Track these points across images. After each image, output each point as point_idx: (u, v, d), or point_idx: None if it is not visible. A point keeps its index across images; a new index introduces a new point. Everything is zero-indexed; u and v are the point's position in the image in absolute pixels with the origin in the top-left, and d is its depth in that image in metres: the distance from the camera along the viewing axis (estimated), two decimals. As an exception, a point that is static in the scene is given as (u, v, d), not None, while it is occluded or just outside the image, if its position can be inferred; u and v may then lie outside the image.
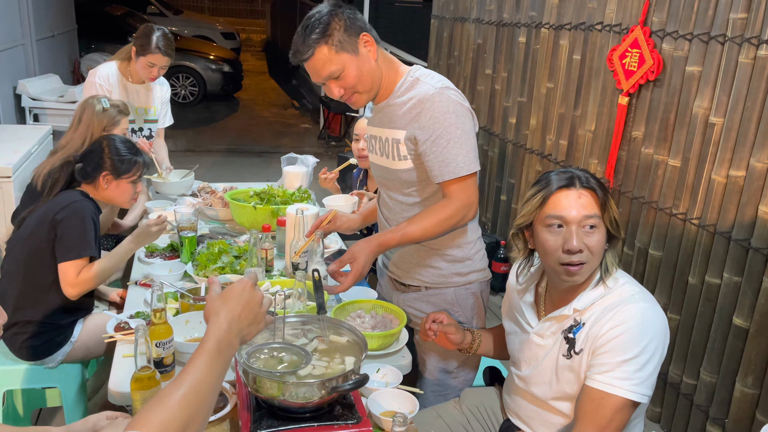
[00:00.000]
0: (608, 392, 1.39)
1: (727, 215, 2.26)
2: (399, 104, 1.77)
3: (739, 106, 2.19)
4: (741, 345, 2.22)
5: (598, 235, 1.45)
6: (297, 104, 10.61)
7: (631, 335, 1.39)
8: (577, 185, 1.46)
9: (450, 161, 1.68)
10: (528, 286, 1.66)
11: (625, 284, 1.49)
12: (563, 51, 3.23)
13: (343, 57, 1.67)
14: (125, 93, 3.15)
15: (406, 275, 1.97)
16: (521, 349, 1.64)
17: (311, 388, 1.32)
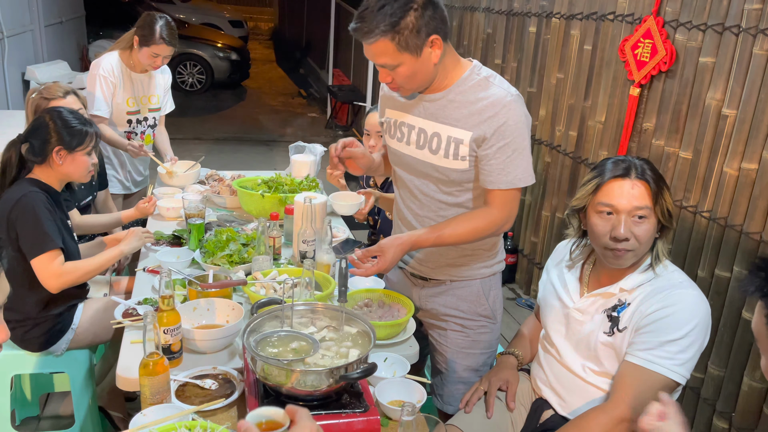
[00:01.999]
0: (649, 369, 1.44)
1: (739, 208, 2.24)
2: (465, 102, 1.70)
3: (752, 98, 2.17)
4: (750, 339, 2.21)
5: (647, 225, 1.50)
6: (304, 93, 10.58)
7: (678, 318, 1.45)
8: (632, 176, 1.51)
9: (510, 171, 1.68)
10: (575, 263, 1.69)
11: (674, 272, 1.55)
12: (574, 41, 3.20)
13: (404, 57, 1.61)
14: (130, 83, 3.11)
15: (431, 271, 1.94)
16: (557, 322, 1.68)
17: (319, 376, 1.32)
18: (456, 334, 1.96)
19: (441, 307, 1.96)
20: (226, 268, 2.08)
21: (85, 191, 2.74)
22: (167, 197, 2.78)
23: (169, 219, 2.64)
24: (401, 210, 1.95)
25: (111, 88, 3.02)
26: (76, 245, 2.22)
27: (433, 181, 1.81)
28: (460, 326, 1.96)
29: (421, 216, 1.88)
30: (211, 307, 1.81)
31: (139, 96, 3.15)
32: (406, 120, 1.83)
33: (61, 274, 2.01)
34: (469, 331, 1.96)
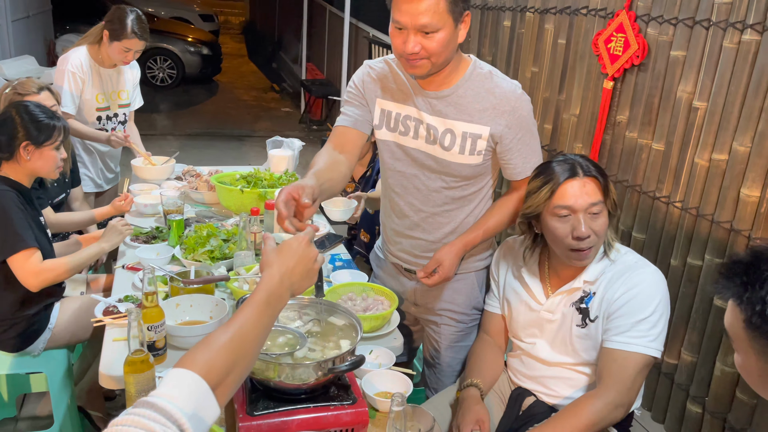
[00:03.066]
0: (628, 350, 1.50)
1: (710, 198, 2.30)
2: (476, 97, 1.70)
3: (722, 91, 2.22)
4: (721, 325, 2.27)
5: (603, 218, 1.57)
6: (277, 88, 10.51)
7: (643, 297, 1.53)
8: (581, 174, 1.56)
9: (531, 158, 1.76)
10: (531, 265, 1.72)
11: (626, 254, 1.63)
12: (548, 35, 3.24)
13: (448, 21, 1.55)
14: (99, 79, 3.05)
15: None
16: (529, 324, 1.72)
17: (307, 370, 1.33)
18: (449, 329, 1.99)
19: (436, 302, 1.99)
20: (208, 264, 2.08)
21: (58, 189, 2.70)
22: (144, 194, 2.75)
23: (146, 216, 2.61)
24: (397, 204, 1.92)
25: (80, 84, 2.97)
26: (50, 244, 2.18)
27: (441, 176, 1.81)
28: (454, 320, 1.98)
29: (424, 211, 1.87)
30: (194, 303, 1.81)
31: (108, 92, 3.10)
32: (411, 114, 1.79)
33: (39, 272, 1.98)
34: (461, 324, 1.99)
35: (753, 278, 0.91)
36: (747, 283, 0.91)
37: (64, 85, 2.93)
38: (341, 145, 1.83)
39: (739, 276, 0.93)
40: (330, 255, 2.35)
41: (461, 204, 1.84)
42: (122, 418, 0.82)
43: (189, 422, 0.84)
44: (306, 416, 1.34)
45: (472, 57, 1.76)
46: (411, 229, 1.91)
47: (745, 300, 0.91)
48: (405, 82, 1.78)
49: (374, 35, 6.42)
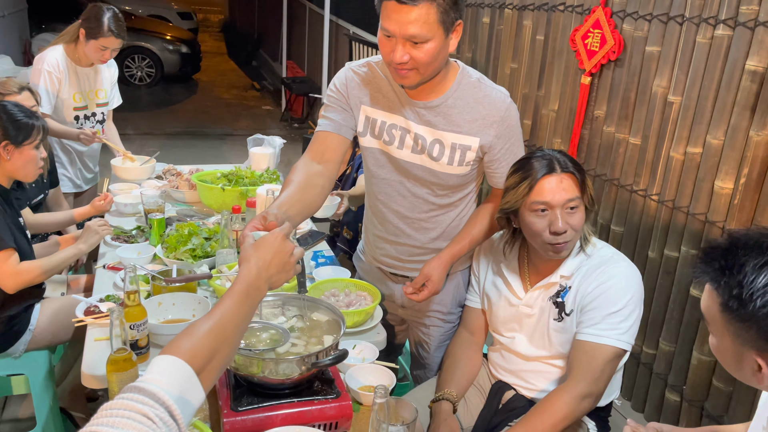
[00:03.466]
0: (598, 342, 1.53)
1: (685, 190, 2.34)
2: (465, 107, 1.68)
3: (696, 85, 2.27)
4: (697, 315, 2.32)
5: (580, 213, 1.58)
6: (258, 86, 10.46)
7: (615, 291, 1.55)
8: (558, 170, 1.57)
9: None
10: (512, 258, 1.74)
11: (602, 248, 1.65)
12: (527, 31, 3.28)
13: (438, 31, 1.49)
14: (76, 78, 3.02)
15: (413, 271, 1.94)
16: (509, 319, 1.73)
17: (291, 365, 1.34)
18: (438, 329, 2.01)
19: (425, 304, 1.97)
20: (190, 262, 2.07)
21: (36, 189, 2.67)
22: (124, 193, 2.74)
23: (127, 215, 2.60)
24: (381, 211, 1.89)
25: (56, 83, 2.94)
26: (29, 244, 2.17)
27: (428, 185, 1.79)
28: (442, 321, 2.00)
29: (410, 218, 1.85)
30: (176, 301, 1.80)
31: (86, 91, 3.07)
32: (397, 123, 1.74)
33: (18, 274, 1.97)
34: (449, 324, 2.00)
35: (730, 263, 0.93)
36: (724, 267, 0.94)
37: (40, 84, 2.89)
38: (321, 153, 1.75)
39: (717, 260, 0.96)
40: (313, 252, 2.36)
41: (447, 210, 1.84)
42: (113, 403, 0.83)
43: (176, 404, 0.86)
44: (290, 411, 1.35)
45: (459, 64, 1.73)
46: (396, 236, 1.90)
47: (722, 284, 0.94)
48: (392, 90, 1.73)
49: (354, 33, 6.42)
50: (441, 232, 1.88)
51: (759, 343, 0.91)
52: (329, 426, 1.39)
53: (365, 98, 1.76)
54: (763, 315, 0.88)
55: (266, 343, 1.40)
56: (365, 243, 2.06)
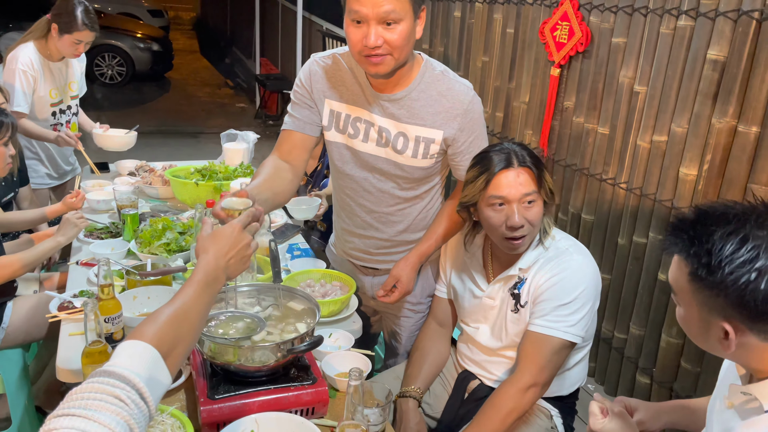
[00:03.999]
0: (546, 334, 1.53)
1: (652, 178, 2.40)
2: (428, 100, 1.68)
3: (660, 75, 2.32)
4: (666, 299, 2.39)
5: (537, 207, 1.59)
6: (231, 83, 10.38)
7: (567, 283, 1.55)
8: (515, 164, 1.57)
9: None
10: (475, 251, 1.77)
11: (560, 240, 1.65)
12: (497, 25, 3.32)
13: (409, 12, 1.50)
14: (50, 74, 3.00)
15: (381, 263, 1.97)
16: (474, 311, 1.75)
17: (266, 352, 1.35)
18: (408, 320, 2.03)
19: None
20: (164, 256, 2.07)
21: (5, 188, 2.64)
22: (97, 190, 2.72)
23: (99, 212, 2.58)
24: (348, 205, 1.90)
25: (31, 81, 2.91)
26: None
27: (393, 178, 1.80)
28: (412, 311, 2.02)
29: (377, 212, 1.87)
30: (151, 295, 1.80)
31: (61, 85, 3.06)
32: (361, 116, 1.74)
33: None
34: (420, 314, 2.03)
35: (699, 233, 0.96)
36: (693, 237, 0.97)
37: (16, 84, 2.86)
38: (287, 151, 1.78)
39: (686, 231, 0.98)
40: (288, 245, 2.37)
41: (413, 203, 1.86)
42: (82, 387, 0.84)
43: (146, 386, 0.88)
44: (267, 398, 1.36)
45: (423, 56, 1.75)
46: (364, 229, 1.92)
47: (691, 253, 0.97)
48: (356, 83, 1.73)
49: (328, 28, 6.42)
50: (408, 224, 1.90)
51: (726, 311, 0.94)
52: (306, 412, 1.40)
53: (329, 91, 1.76)
54: (730, 281, 0.91)
55: (242, 332, 1.41)
56: (335, 236, 2.08)
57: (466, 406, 1.74)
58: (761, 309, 0.91)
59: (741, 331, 0.95)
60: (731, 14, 2.02)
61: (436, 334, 1.88)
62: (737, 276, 0.91)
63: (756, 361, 0.99)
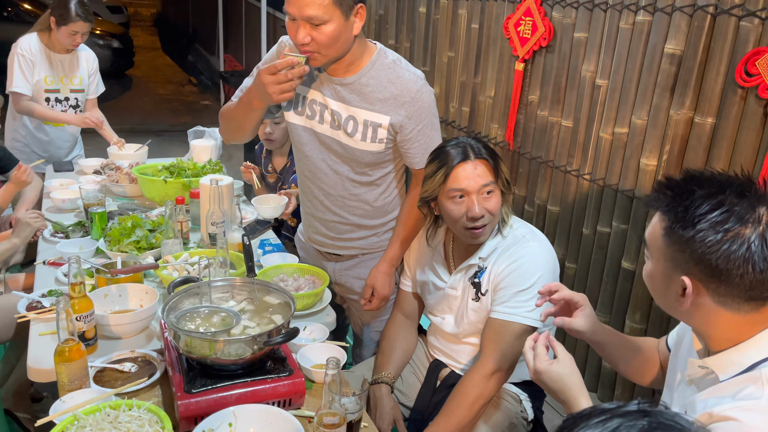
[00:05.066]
0: (506, 320, 1.58)
1: (614, 169, 2.48)
2: (378, 86, 1.74)
3: (621, 69, 2.40)
4: (629, 286, 2.47)
5: (495, 197, 1.63)
6: (195, 81, 10.24)
7: (525, 270, 1.60)
8: (472, 157, 1.61)
9: (431, 148, 1.75)
10: (437, 244, 1.81)
11: (518, 228, 1.70)
12: (462, 20, 3.36)
13: (335, 13, 1.57)
14: (50, 63, 3.16)
15: (342, 249, 2.02)
16: (439, 302, 1.79)
17: (243, 345, 1.36)
18: None
19: (354, 280, 2.06)
20: (135, 254, 2.05)
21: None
22: (62, 189, 2.67)
23: (65, 211, 2.54)
24: (310, 188, 1.96)
25: (30, 65, 3.10)
26: None
27: (347, 161, 1.84)
28: None
29: (333, 195, 1.91)
30: (123, 293, 1.79)
31: (59, 75, 3.21)
32: (316, 98, 1.81)
33: None
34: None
35: (681, 191, 1.02)
36: (676, 195, 1.02)
37: (14, 66, 3.07)
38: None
39: (671, 189, 1.04)
40: (260, 240, 2.38)
41: (369, 188, 1.90)
42: None
43: None
44: (244, 390, 1.37)
45: (378, 45, 1.79)
46: (323, 213, 1.96)
47: (671, 208, 1.02)
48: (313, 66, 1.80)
49: (292, 25, 6.37)
50: (365, 210, 1.94)
51: (688, 266, 1.00)
52: (283, 403, 1.42)
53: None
54: (699, 238, 0.97)
55: (217, 326, 1.42)
56: (302, 223, 2.14)
57: (438, 393, 1.78)
58: (720, 267, 0.96)
59: (698, 289, 1.01)
60: (687, 9, 2.10)
61: (402, 324, 1.92)
62: (705, 234, 0.96)
63: (708, 325, 1.04)
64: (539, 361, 1.23)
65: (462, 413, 1.58)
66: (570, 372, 1.21)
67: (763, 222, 0.96)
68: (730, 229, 0.95)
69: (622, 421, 0.57)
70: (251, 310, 1.52)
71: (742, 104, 1.98)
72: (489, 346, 1.61)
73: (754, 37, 1.92)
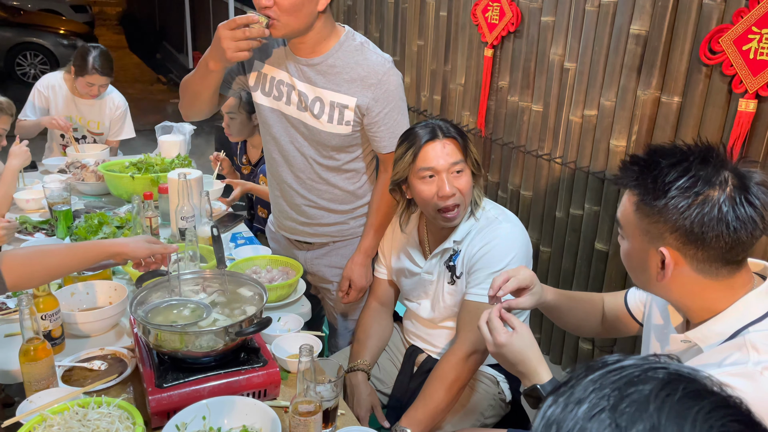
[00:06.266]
0: (481, 302, 1.57)
1: (585, 151, 2.49)
2: (345, 67, 1.73)
3: (588, 51, 2.41)
4: (603, 267, 2.49)
5: (465, 177, 1.62)
6: (164, 79, 10.08)
7: (497, 252, 1.59)
8: (440, 136, 1.61)
9: (399, 133, 1.74)
10: (411, 230, 1.80)
11: (490, 210, 1.69)
12: (430, 9, 3.35)
13: None
14: (73, 105, 3.24)
15: (314, 237, 2.01)
16: (415, 287, 1.78)
17: (213, 337, 1.33)
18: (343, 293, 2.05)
19: (326, 268, 2.04)
20: (102, 251, 2.00)
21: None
22: (26, 189, 2.60)
23: (29, 211, 2.47)
24: (279, 172, 1.94)
25: (43, 100, 3.20)
26: None
27: (314, 144, 1.84)
28: None
29: (302, 178, 1.91)
30: (90, 290, 1.75)
31: (77, 117, 3.26)
32: (283, 79, 1.80)
33: None
34: None
35: (648, 164, 1.03)
36: (643, 168, 1.03)
37: (30, 98, 3.20)
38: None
39: (637, 164, 1.04)
40: (231, 234, 2.34)
41: (337, 173, 1.89)
42: None
43: None
44: (217, 383, 1.34)
45: (346, 27, 1.79)
46: (293, 197, 1.95)
47: (639, 182, 1.02)
48: (280, 47, 1.80)
49: (261, 19, 6.30)
50: (334, 194, 1.93)
51: (664, 236, 1.00)
52: (258, 394, 1.40)
53: (258, 53, 1.82)
54: (671, 206, 0.98)
55: (188, 319, 1.39)
56: (272, 212, 2.12)
57: (416, 379, 1.77)
58: (695, 232, 0.97)
59: (676, 259, 1.01)
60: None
61: (376, 312, 1.91)
62: (677, 201, 0.97)
63: (688, 297, 1.04)
64: (498, 334, 1.22)
65: (440, 396, 1.57)
66: (529, 343, 1.21)
67: (729, 183, 0.97)
68: (700, 193, 0.96)
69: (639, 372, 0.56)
70: (222, 302, 1.50)
71: (707, 82, 2.00)
72: (465, 329, 1.60)
73: (717, 15, 1.94)
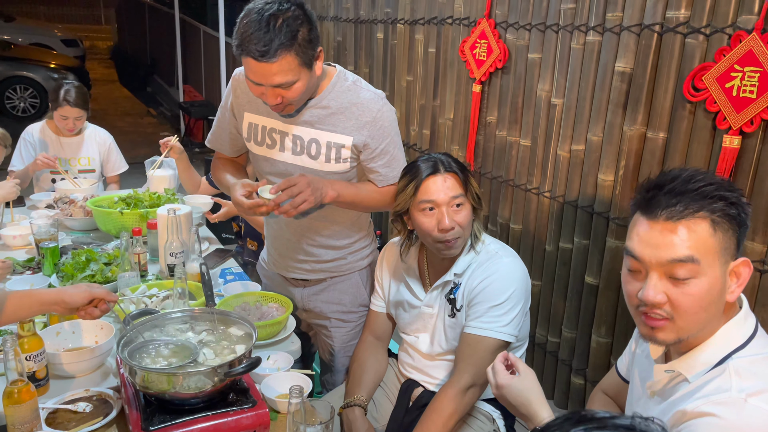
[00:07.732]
0: (481, 335, 1.58)
1: (573, 186, 2.51)
2: (339, 108, 1.74)
3: (574, 87, 2.45)
4: (593, 300, 2.48)
5: (465, 210, 1.65)
6: (154, 112, 10.12)
7: (498, 285, 1.61)
8: (442, 170, 1.65)
9: (395, 167, 1.79)
10: (412, 261, 1.80)
11: (490, 244, 1.72)
12: (419, 45, 3.40)
13: (302, 71, 1.58)
14: (59, 145, 3.30)
15: (311, 273, 1.99)
16: (414, 320, 1.78)
17: (202, 377, 1.31)
18: (339, 330, 2.03)
19: (324, 304, 2.02)
20: (89, 289, 1.98)
21: None
22: (13, 225, 2.58)
23: (15, 248, 2.45)
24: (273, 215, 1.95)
25: (29, 148, 3.26)
26: None
27: None
28: (342, 321, 2.02)
29: (297, 222, 1.90)
30: (76, 329, 1.72)
31: (67, 157, 3.32)
32: (276, 126, 1.80)
33: None
34: (351, 324, 2.03)
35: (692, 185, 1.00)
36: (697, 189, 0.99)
37: (17, 149, 3.26)
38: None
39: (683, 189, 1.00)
40: (221, 270, 2.33)
41: (334, 212, 1.89)
42: None
43: None
44: (206, 425, 1.32)
45: (337, 67, 1.81)
46: (290, 235, 1.94)
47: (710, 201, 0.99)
48: None
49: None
50: (332, 230, 1.93)
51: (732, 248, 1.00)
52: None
53: (247, 105, 1.84)
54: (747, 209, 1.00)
55: (176, 359, 1.37)
56: (266, 249, 2.10)
57: (411, 414, 1.75)
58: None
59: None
60: (634, 28, 2.16)
61: (372, 346, 1.89)
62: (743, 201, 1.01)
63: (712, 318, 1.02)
64: (500, 375, 1.23)
65: (437, 429, 1.56)
66: (531, 386, 1.21)
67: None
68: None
69: None
70: (211, 341, 1.48)
71: (692, 118, 2.04)
72: (464, 361, 1.60)
73: (700, 53, 1.98)
